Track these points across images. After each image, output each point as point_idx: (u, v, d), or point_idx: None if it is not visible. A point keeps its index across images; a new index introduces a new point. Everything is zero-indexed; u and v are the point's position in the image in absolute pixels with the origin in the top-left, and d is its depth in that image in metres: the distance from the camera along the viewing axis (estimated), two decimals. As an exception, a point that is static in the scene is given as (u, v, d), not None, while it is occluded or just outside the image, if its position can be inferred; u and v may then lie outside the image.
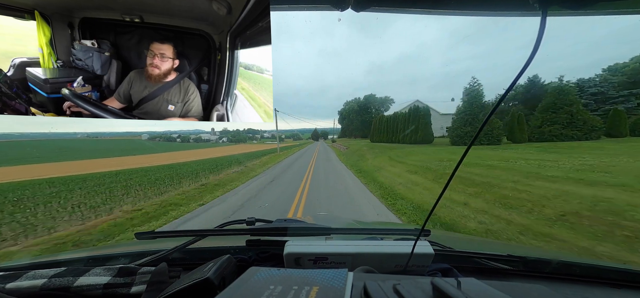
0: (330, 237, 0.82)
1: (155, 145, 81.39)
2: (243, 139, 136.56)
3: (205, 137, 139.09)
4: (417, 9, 0.51)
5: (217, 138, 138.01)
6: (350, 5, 0.50)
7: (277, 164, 15.87)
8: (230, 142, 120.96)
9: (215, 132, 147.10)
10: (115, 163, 22.03)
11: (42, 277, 0.53)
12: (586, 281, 0.72)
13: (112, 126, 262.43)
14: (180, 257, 0.78)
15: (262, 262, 0.78)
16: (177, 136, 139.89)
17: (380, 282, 0.39)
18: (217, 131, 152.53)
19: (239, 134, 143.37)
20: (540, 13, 0.32)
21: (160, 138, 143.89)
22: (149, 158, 29.18)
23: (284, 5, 0.58)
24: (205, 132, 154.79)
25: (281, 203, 6.12)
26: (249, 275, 0.43)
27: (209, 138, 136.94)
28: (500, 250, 0.81)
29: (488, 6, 0.48)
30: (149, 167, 16.45)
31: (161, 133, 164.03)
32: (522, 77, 0.35)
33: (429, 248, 0.63)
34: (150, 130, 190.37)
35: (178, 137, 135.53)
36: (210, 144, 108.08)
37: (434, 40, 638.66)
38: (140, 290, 0.55)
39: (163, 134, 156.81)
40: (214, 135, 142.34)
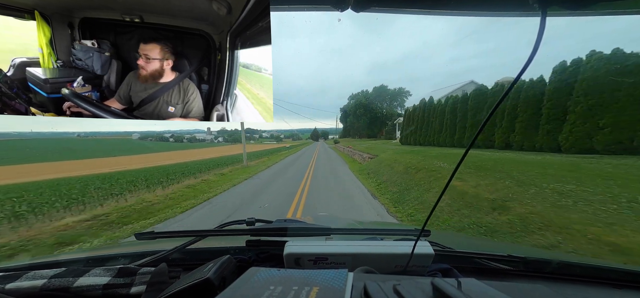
0: (330, 237, 0.82)
1: (141, 145, 76.67)
2: (239, 138, 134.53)
3: (200, 137, 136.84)
4: (417, 9, 0.51)
5: (212, 138, 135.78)
6: (350, 6, 0.50)
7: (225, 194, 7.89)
8: (226, 142, 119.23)
9: (211, 131, 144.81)
10: (94, 165, 20.84)
11: (42, 278, 0.53)
12: (586, 281, 0.72)
13: (111, 126, 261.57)
14: (180, 257, 0.78)
15: (262, 263, 0.78)
16: (170, 135, 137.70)
17: (380, 282, 0.39)
18: (214, 131, 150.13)
19: (236, 133, 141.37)
20: (540, 13, 0.32)
21: (152, 138, 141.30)
22: (130, 160, 27.56)
23: (284, 5, 0.58)
24: (201, 132, 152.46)
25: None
26: (249, 275, 0.43)
27: (204, 138, 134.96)
28: (500, 250, 0.81)
29: (488, 6, 0.48)
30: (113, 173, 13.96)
31: (155, 133, 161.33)
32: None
33: (429, 248, 0.63)
34: (147, 130, 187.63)
35: (171, 137, 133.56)
36: (204, 144, 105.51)
37: (437, 38, 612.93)
38: (140, 290, 0.55)
39: (156, 134, 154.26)
40: (209, 135, 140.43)
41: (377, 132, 56.91)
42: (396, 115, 50.44)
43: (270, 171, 13.17)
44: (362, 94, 65.09)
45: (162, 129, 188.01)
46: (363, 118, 59.77)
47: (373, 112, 60.05)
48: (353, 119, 63.18)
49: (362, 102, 60.63)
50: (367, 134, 58.59)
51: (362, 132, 60.56)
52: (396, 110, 56.80)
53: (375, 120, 58.92)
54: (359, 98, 63.94)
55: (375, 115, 59.45)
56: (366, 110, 59.65)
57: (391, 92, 61.96)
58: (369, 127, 58.18)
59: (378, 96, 61.66)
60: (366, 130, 59.04)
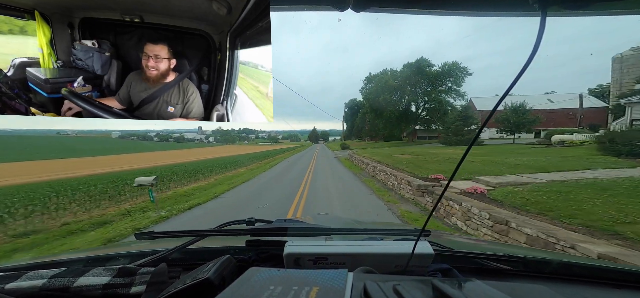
0: (330, 237, 0.82)
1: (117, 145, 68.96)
2: (232, 139, 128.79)
3: (189, 137, 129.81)
4: (417, 10, 0.51)
5: (203, 137, 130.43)
6: (350, 6, 0.50)
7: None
8: (217, 143, 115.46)
9: (203, 130, 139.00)
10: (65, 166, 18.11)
11: (41, 278, 0.53)
12: (586, 281, 0.72)
13: (111, 125, 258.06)
14: (180, 257, 0.78)
15: (262, 263, 0.78)
16: (155, 134, 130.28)
17: (380, 282, 0.39)
18: (205, 130, 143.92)
19: (228, 134, 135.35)
20: (540, 13, 0.32)
21: (134, 137, 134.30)
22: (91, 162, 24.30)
23: (284, 5, 0.58)
24: (190, 131, 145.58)
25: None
26: (249, 275, 0.43)
27: (194, 137, 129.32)
28: (500, 250, 0.81)
29: (488, 6, 0.48)
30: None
31: (138, 131, 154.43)
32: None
33: (429, 248, 0.63)
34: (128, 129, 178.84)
35: (155, 136, 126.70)
36: (192, 144, 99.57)
37: (449, 36, 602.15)
38: (140, 290, 0.55)
39: (139, 132, 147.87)
40: (200, 134, 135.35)
41: (399, 133, 40.73)
42: (444, 106, 35.19)
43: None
44: (388, 74, 39.05)
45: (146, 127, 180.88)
46: (386, 112, 37.28)
47: (405, 102, 38.15)
48: (370, 116, 42.00)
49: (389, 84, 36.62)
50: (384, 136, 42.11)
51: (379, 132, 42.49)
52: (445, 98, 36.17)
53: (405, 116, 38.53)
54: (381, 79, 38.61)
55: (406, 108, 37.57)
56: (397, 96, 36.69)
57: (433, 74, 36.28)
58: (394, 125, 38.38)
59: (407, 79, 36.90)
60: (385, 129, 39.87)
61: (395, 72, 39.86)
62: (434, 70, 36.54)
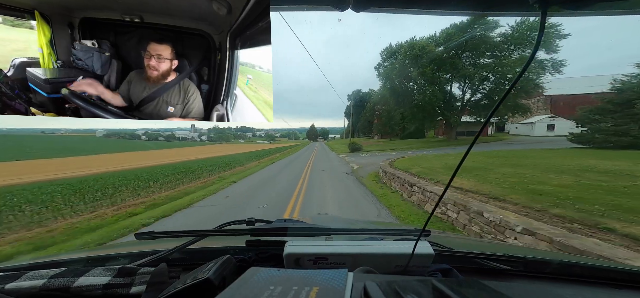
0: (330, 237, 0.81)
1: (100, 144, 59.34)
2: (227, 137, 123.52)
3: (180, 135, 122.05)
4: (417, 10, 0.51)
5: (196, 135, 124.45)
6: (350, 6, 0.50)
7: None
8: (211, 141, 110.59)
9: (196, 128, 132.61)
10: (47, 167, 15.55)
11: (41, 278, 0.53)
12: (586, 281, 0.72)
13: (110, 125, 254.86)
14: (180, 257, 0.78)
15: (262, 263, 0.78)
16: (143, 133, 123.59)
17: (380, 282, 0.39)
18: (198, 128, 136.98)
19: (223, 132, 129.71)
20: (540, 13, 0.32)
21: (122, 135, 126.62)
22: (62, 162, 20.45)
23: (284, 5, 0.58)
24: (183, 130, 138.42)
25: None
26: (249, 275, 0.43)
27: (185, 136, 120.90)
28: (500, 250, 0.81)
29: (488, 6, 0.48)
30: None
31: (126, 130, 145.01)
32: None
33: (429, 248, 0.63)
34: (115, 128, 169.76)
35: (143, 135, 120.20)
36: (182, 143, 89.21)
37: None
38: (140, 290, 0.55)
39: (127, 131, 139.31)
40: (193, 132, 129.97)
41: (431, 127, 29.92)
42: (527, 86, 20.55)
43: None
44: (411, 45, 24.28)
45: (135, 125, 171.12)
46: (405, 102, 25.85)
47: (451, 80, 25.55)
48: (389, 105, 29.49)
49: (427, 51, 23.09)
50: (398, 134, 32.61)
51: (397, 127, 31.79)
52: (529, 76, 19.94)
53: (447, 102, 25.96)
54: (402, 54, 24.49)
55: (434, 94, 23.77)
56: (428, 77, 23.38)
57: (495, 43, 23.10)
58: (426, 116, 26.15)
59: (457, 48, 23.94)
60: (414, 121, 27.96)
61: (434, 38, 25.46)
62: (497, 37, 22.84)
